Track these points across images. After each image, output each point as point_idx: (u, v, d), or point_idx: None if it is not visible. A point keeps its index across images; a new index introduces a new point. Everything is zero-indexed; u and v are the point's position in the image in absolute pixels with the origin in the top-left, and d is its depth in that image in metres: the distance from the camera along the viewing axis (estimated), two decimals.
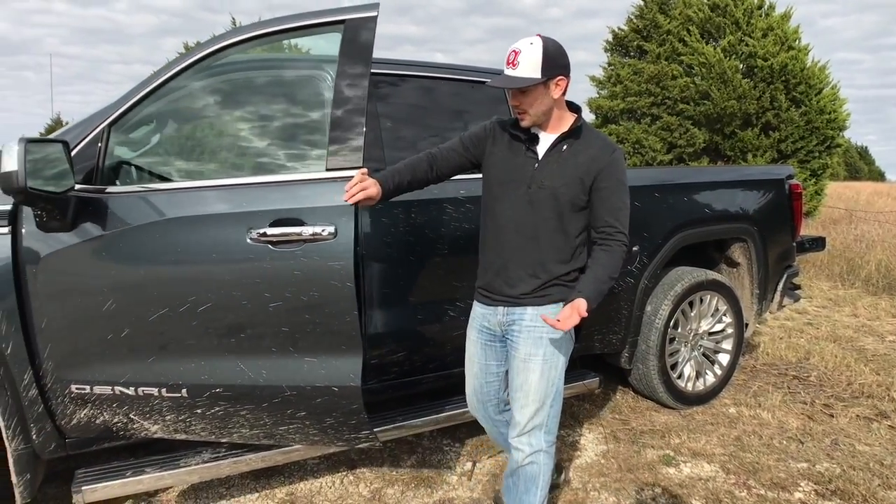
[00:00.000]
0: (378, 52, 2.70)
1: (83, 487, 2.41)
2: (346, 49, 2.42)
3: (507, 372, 2.43)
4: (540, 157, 2.24)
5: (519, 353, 2.28)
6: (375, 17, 2.42)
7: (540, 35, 2.19)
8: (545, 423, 2.29)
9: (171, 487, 2.98)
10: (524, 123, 2.24)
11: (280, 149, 2.66)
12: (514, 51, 2.16)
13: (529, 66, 2.13)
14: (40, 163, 2.12)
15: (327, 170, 2.40)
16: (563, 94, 2.21)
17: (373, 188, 2.19)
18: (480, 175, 2.41)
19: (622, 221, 2.20)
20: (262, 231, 2.37)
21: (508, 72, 2.16)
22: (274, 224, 2.38)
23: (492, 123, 2.39)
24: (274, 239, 2.37)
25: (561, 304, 2.25)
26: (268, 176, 2.49)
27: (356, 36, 2.43)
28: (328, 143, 2.41)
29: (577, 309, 2.05)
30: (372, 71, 2.85)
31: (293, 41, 2.83)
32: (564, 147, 2.23)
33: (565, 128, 2.25)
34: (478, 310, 2.43)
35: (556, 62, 2.14)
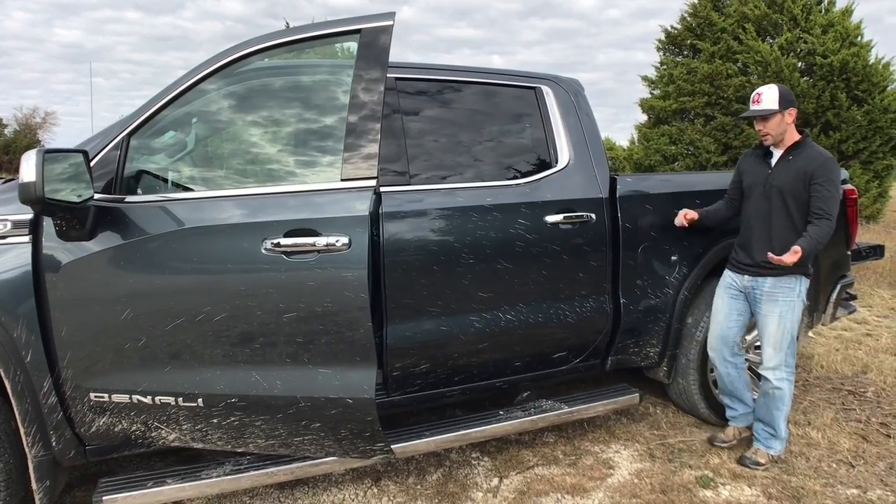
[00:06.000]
0: (436, 55, 2.68)
1: (104, 497, 2.42)
2: (363, 57, 2.40)
3: (744, 322, 3.29)
4: (773, 165, 3.12)
5: (761, 311, 3.15)
6: (391, 26, 2.40)
7: (775, 83, 3.23)
8: (784, 360, 3.14)
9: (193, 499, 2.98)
10: (767, 142, 3.14)
11: (295, 157, 2.63)
12: (757, 93, 3.11)
13: (770, 100, 3.05)
14: (58, 173, 2.13)
15: (342, 180, 2.36)
16: (793, 120, 3.07)
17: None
18: (510, 183, 3.09)
19: (828, 206, 2.94)
20: (276, 241, 2.35)
21: (754, 107, 3.10)
22: (288, 234, 2.36)
23: (742, 156, 3.39)
24: (288, 249, 2.35)
25: (791, 276, 3.06)
26: (283, 186, 2.47)
27: (373, 44, 2.40)
28: (343, 153, 2.37)
29: (794, 251, 2.81)
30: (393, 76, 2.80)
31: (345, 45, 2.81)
32: (790, 157, 3.08)
33: (790, 143, 3.09)
34: (728, 273, 3.31)
35: (787, 98, 3.05)
